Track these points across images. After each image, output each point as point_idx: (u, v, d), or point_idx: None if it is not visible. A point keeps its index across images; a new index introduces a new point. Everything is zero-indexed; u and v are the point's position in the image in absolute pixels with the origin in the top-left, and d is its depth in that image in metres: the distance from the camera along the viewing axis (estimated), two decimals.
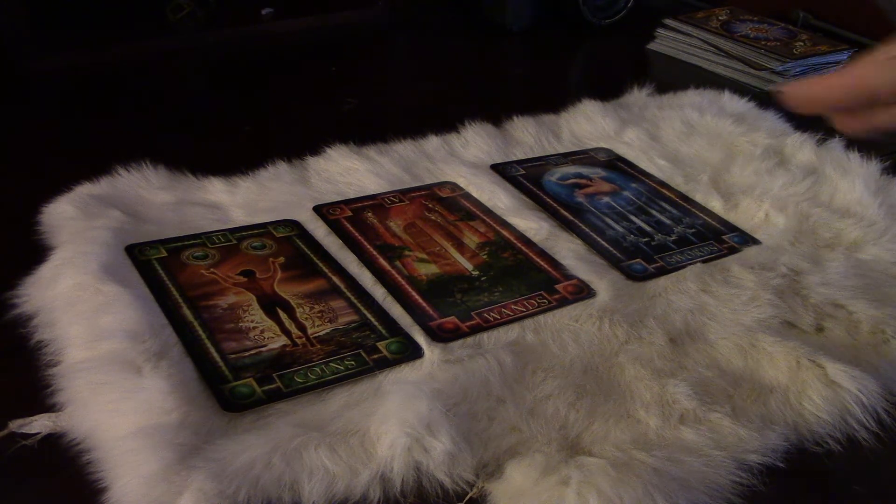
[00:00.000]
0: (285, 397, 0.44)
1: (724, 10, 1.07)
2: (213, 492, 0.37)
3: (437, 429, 0.41)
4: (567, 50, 1.06)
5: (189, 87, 0.88)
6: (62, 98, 0.82)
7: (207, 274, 0.53)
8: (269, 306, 0.51)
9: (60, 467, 0.40)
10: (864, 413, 0.46)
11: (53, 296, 0.49)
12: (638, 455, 0.42)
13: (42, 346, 0.47)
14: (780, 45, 0.97)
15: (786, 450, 0.44)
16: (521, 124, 0.76)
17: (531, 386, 0.46)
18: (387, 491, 0.40)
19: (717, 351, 0.51)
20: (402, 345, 0.49)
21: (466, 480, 0.41)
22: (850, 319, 0.54)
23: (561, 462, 0.41)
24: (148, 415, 0.40)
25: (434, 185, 0.67)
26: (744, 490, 0.42)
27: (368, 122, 0.79)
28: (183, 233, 0.57)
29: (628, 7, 1.10)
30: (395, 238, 0.59)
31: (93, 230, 0.54)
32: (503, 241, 0.60)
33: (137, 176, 0.62)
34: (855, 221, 0.63)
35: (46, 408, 0.43)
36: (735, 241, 0.62)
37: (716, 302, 0.54)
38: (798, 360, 0.48)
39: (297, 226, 0.60)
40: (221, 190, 0.63)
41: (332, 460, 0.40)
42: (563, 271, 0.57)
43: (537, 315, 0.52)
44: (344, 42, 1.01)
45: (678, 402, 0.46)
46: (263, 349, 0.47)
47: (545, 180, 0.69)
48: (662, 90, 0.87)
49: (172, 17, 0.94)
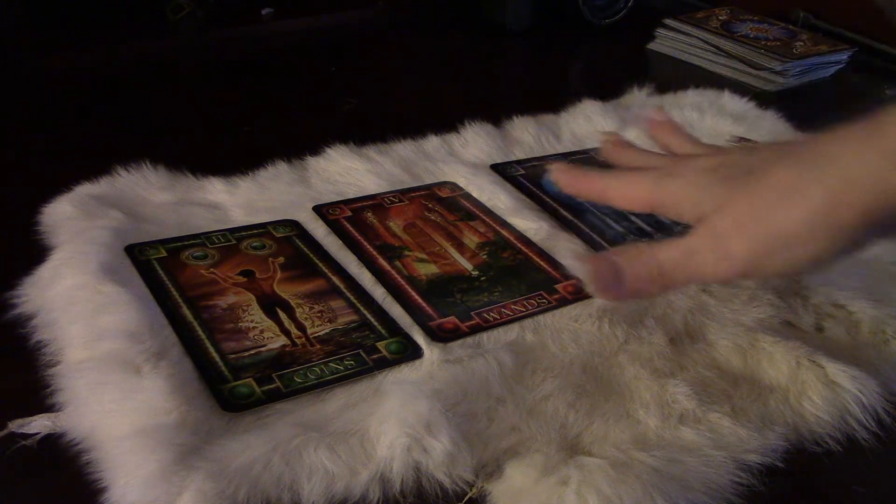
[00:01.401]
0: (285, 397, 0.44)
1: (724, 9, 1.07)
2: (213, 492, 0.37)
3: (437, 429, 0.41)
4: (567, 50, 1.06)
5: (189, 87, 0.88)
6: (62, 98, 0.82)
7: (207, 274, 0.53)
8: (268, 306, 0.51)
9: (60, 467, 0.40)
10: (864, 413, 0.46)
11: (53, 296, 0.49)
12: (637, 455, 0.42)
13: (41, 346, 0.47)
14: (780, 45, 0.97)
15: (785, 450, 0.44)
16: (521, 124, 0.76)
17: (531, 386, 0.46)
18: (386, 491, 0.40)
19: (717, 351, 0.51)
20: (402, 345, 0.49)
21: (466, 480, 0.41)
22: (850, 319, 0.54)
23: (560, 462, 0.41)
24: (147, 415, 0.40)
25: (434, 185, 0.67)
26: (743, 490, 0.42)
27: (368, 122, 0.79)
28: (183, 233, 0.57)
29: (628, 7, 1.10)
30: (394, 238, 0.59)
31: (92, 230, 0.54)
32: (503, 241, 0.60)
33: (137, 176, 0.62)
34: None
35: (46, 408, 0.43)
36: None
37: (715, 302, 0.54)
38: (798, 360, 0.48)
39: (296, 226, 0.60)
40: (221, 190, 0.63)
41: (332, 460, 0.40)
42: (563, 271, 0.57)
43: (537, 315, 0.52)
44: (344, 42, 1.01)
45: (678, 402, 0.46)
46: (263, 349, 0.47)
47: (545, 180, 0.69)
48: (662, 90, 0.87)
49: (172, 17, 0.94)
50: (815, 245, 0.37)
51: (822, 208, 0.36)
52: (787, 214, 0.37)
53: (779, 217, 0.37)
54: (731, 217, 0.39)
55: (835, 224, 0.36)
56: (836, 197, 0.36)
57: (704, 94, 0.86)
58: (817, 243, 0.37)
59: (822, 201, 0.36)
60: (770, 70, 0.94)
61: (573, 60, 1.07)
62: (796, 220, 0.37)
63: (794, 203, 0.36)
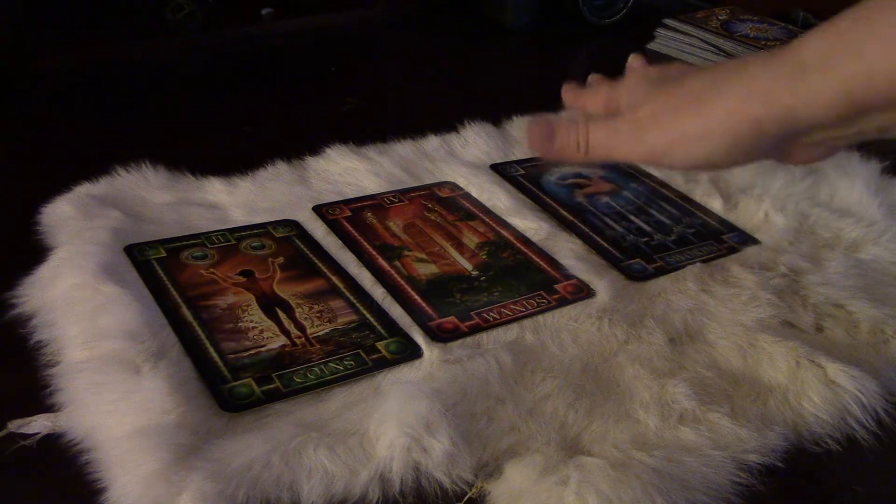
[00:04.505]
0: (284, 397, 0.44)
1: (724, 9, 1.07)
2: (213, 492, 0.37)
3: (437, 429, 0.41)
4: (567, 49, 1.06)
5: (189, 87, 0.88)
6: (62, 98, 0.82)
7: (207, 274, 0.53)
8: (268, 306, 0.51)
9: (59, 467, 0.40)
10: (864, 413, 0.46)
11: (53, 296, 0.49)
12: (637, 455, 0.42)
13: (41, 346, 0.47)
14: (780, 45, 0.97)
15: (785, 450, 0.44)
16: (520, 124, 0.76)
17: (530, 386, 0.46)
18: (386, 491, 0.40)
19: (717, 351, 0.50)
20: (402, 345, 0.49)
21: (465, 480, 0.41)
22: (849, 319, 0.54)
23: (560, 462, 0.41)
24: (147, 415, 0.40)
25: (433, 184, 0.67)
26: (743, 490, 0.42)
27: (368, 122, 0.79)
28: (182, 233, 0.57)
29: (628, 7, 1.10)
30: (394, 238, 0.59)
31: (92, 230, 0.54)
32: (502, 241, 0.60)
33: (137, 176, 0.62)
34: (854, 221, 0.63)
35: (45, 408, 0.43)
36: (734, 241, 0.62)
37: (715, 302, 0.54)
38: (797, 360, 0.48)
39: (296, 226, 0.60)
40: (221, 190, 0.63)
41: (331, 460, 0.40)
42: (563, 271, 0.57)
43: (536, 315, 0.52)
44: (344, 42, 1.01)
45: (677, 402, 0.46)
46: (262, 349, 0.47)
47: (545, 180, 0.69)
48: None
49: (172, 17, 0.94)
50: (709, 147, 0.41)
51: (719, 114, 0.41)
52: (690, 117, 0.42)
53: (683, 117, 0.42)
54: (650, 109, 0.44)
55: (728, 130, 0.40)
56: (732, 105, 0.40)
57: None
58: (711, 146, 0.41)
59: (718, 110, 0.41)
60: None
61: (573, 60, 1.07)
62: (695, 123, 0.42)
63: (697, 108, 0.42)
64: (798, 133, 0.40)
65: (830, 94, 0.37)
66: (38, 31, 0.86)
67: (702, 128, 0.41)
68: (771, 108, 0.39)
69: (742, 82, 0.40)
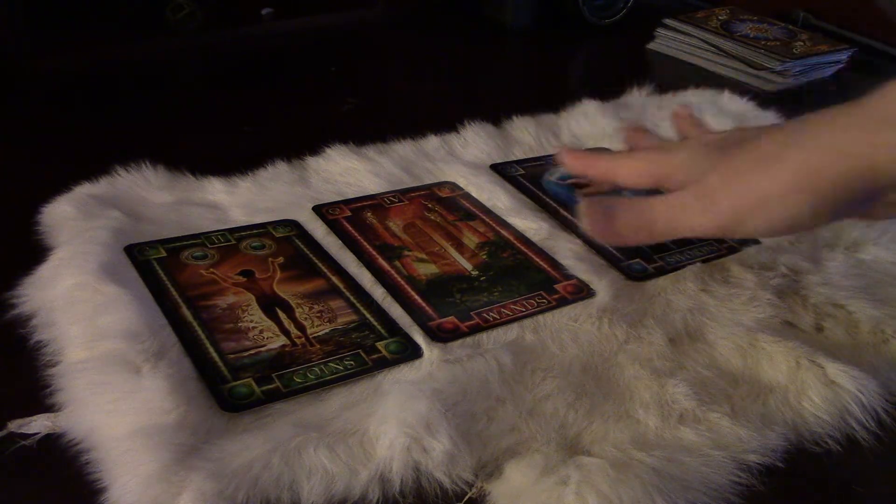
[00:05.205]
0: (284, 397, 0.44)
1: (724, 9, 1.07)
2: (212, 492, 0.37)
3: (437, 429, 0.41)
4: (567, 49, 1.06)
5: (189, 87, 0.88)
6: (62, 98, 0.82)
7: (207, 274, 0.53)
8: (268, 306, 0.51)
9: (59, 467, 0.40)
10: (864, 413, 0.46)
11: (53, 296, 0.49)
12: (637, 455, 0.42)
13: (41, 346, 0.47)
14: (780, 45, 0.97)
15: (785, 450, 0.44)
16: (520, 124, 0.76)
17: (530, 386, 0.46)
18: (386, 491, 0.40)
19: (717, 351, 0.51)
20: (402, 345, 0.49)
21: (465, 480, 0.41)
22: (849, 319, 0.54)
23: (560, 462, 0.41)
24: (147, 415, 0.40)
25: (433, 184, 0.67)
26: (743, 490, 0.42)
27: (368, 122, 0.79)
28: (182, 233, 0.57)
29: (628, 7, 1.10)
30: (394, 238, 0.59)
31: (92, 230, 0.54)
32: (502, 241, 0.60)
33: (137, 176, 0.62)
34: (854, 221, 0.63)
35: (45, 408, 0.43)
36: (734, 241, 0.62)
37: (715, 302, 0.54)
38: (797, 360, 0.48)
39: (296, 226, 0.60)
40: (221, 190, 0.63)
41: (331, 460, 0.40)
42: (563, 271, 0.57)
43: (536, 315, 0.52)
44: (344, 42, 1.01)
45: (677, 402, 0.46)
46: (262, 349, 0.47)
47: (545, 180, 0.69)
48: (662, 90, 0.87)
49: (172, 17, 0.94)
50: (791, 209, 0.39)
51: (798, 175, 0.38)
52: (767, 177, 0.39)
53: (759, 179, 0.40)
54: (718, 175, 0.41)
55: (809, 190, 0.38)
56: (812, 165, 0.38)
57: (704, 94, 0.86)
58: (793, 207, 0.39)
59: (799, 168, 0.38)
60: (770, 70, 0.94)
61: (573, 60, 1.07)
62: (774, 184, 0.39)
63: (775, 168, 0.39)
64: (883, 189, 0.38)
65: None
66: (38, 31, 0.86)
67: (781, 188, 0.39)
68: (855, 164, 0.37)
69: (820, 138, 0.38)
